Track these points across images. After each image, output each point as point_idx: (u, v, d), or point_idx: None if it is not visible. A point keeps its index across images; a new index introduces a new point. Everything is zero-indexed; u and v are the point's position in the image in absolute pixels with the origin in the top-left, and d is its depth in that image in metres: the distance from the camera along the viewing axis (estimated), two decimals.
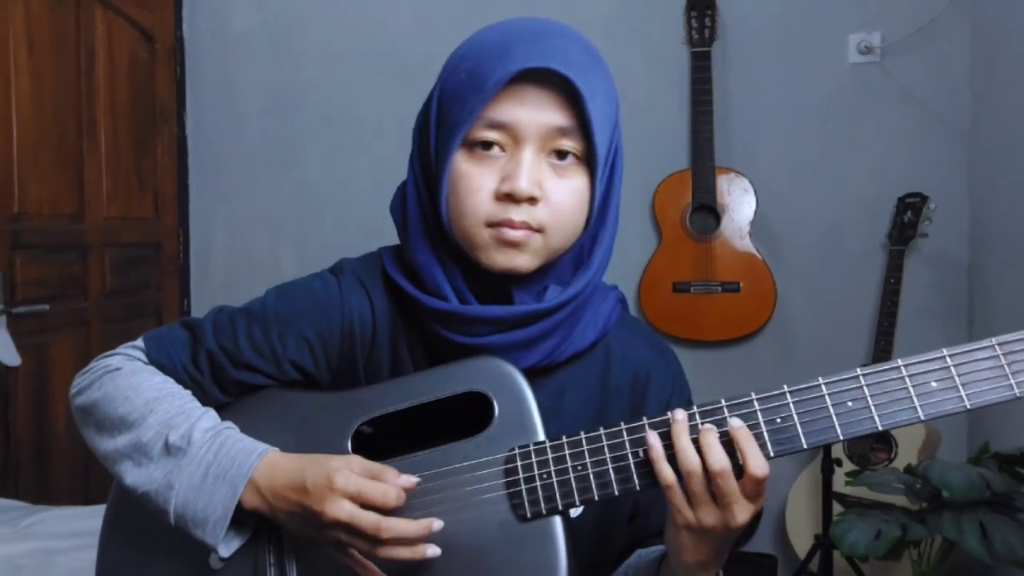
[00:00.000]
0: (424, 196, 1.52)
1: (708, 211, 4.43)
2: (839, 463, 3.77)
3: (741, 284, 4.39)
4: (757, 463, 1.25)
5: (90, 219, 4.65)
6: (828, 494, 3.68)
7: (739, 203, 4.40)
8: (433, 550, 1.34)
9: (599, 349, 1.60)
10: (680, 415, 1.30)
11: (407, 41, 4.95)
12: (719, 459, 1.25)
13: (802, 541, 4.12)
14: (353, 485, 1.33)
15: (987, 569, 3.86)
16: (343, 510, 1.32)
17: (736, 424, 1.27)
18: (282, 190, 5.27)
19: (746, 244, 4.39)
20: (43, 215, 4.35)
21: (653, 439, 1.30)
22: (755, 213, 4.39)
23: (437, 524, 1.35)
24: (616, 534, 1.60)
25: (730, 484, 1.26)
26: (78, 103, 4.58)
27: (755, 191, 4.39)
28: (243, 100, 5.32)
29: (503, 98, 1.39)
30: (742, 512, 1.28)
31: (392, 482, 1.35)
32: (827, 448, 3.67)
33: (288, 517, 1.39)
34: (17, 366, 4.09)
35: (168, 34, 5.25)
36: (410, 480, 1.37)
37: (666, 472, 1.28)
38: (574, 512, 1.45)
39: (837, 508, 3.73)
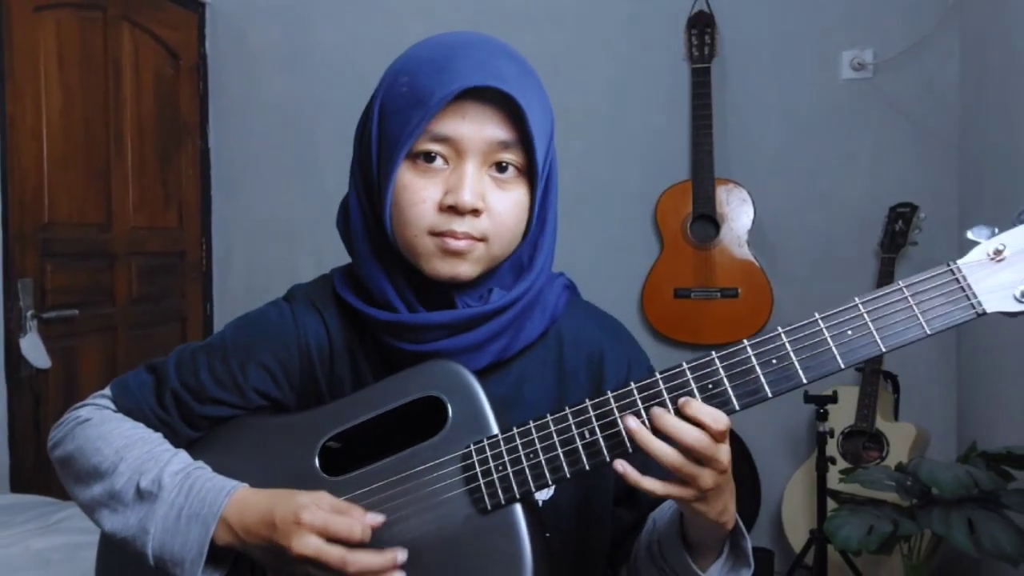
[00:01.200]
0: (367, 208, 1.51)
1: (708, 220, 4.44)
2: (833, 461, 3.77)
3: (739, 290, 4.39)
4: (716, 417, 1.24)
5: (117, 229, 4.68)
6: (822, 491, 3.67)
7: (737, 212, 4.41)
8: None
9: (551, 336, 1.59)
10: (633, 423, 1.27)
11: None
12: (692, 435, 1.23)
13: (797, 536, 4.12)
14: (320, 520, 1.32)
15: (974, 563, 3.86)
16: (309, 545, 1.31)
17: (681, 400, 1.26)
18: (300, 200, 5.29)
19: (744, 252, 4.40)
20: (72, 225, 4.37)
21: (635, 424, 1.27)
22: (753, 222, 4.39)
23: (402, 555, 1.34)
24: (599, 507, 1.59)
25: (710, 448, 1.24)
26: (106, 117, 4.61)
27: (753, 201, 4.40)
28: (263, 114, 5.34)
29: (446, 113, 1.38)
30: (725, 454, 1.26)
31: (358, 519, 1.35)
32: (821, 447, 3.66)
33: (259, 552, 1.39)
34: (47, 368, 4.11)
35: (192, 51, 5.28)
36: (376, 518, 1.36)
37: (666, 451, 1.25)
38: (541, 496, 1.45)
39: (831, 504, 3.72)
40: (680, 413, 1.26)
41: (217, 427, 1.57)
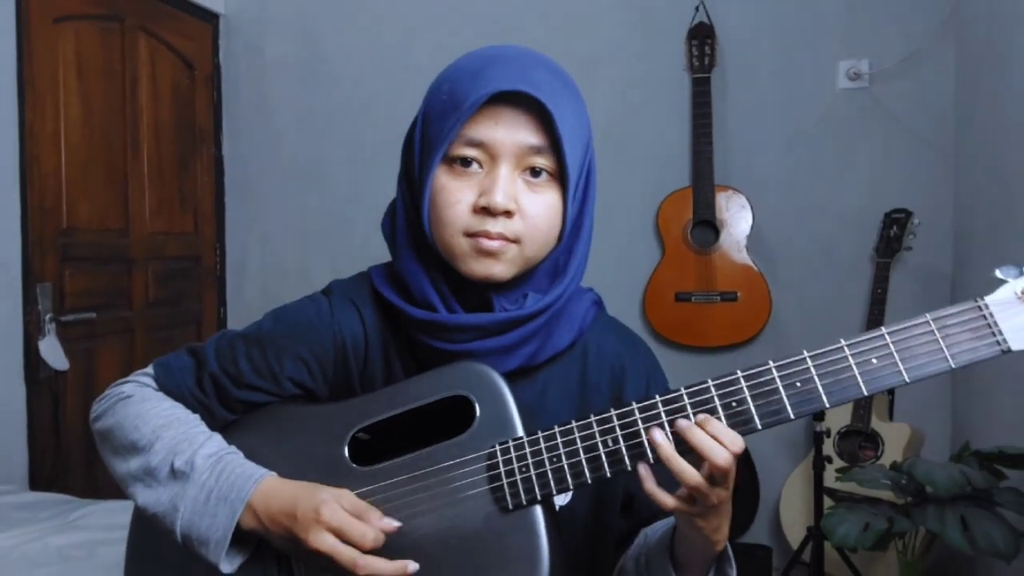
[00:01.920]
0: (411, 211, 1.52)
1: (708, 226, 4.44)
2: (830, 460, 3.77)
3: (739, 294, 4.39)
4: (733, 439, 1.25)
5: (134, 234, 4.69)
6: (820, 489, 3.67)
7: (737, 218, 4.41)
8: None
9: (576, 348, 1.60)
10: (659, 437, 1.28)
11: (430, 67, 4.94)
12: (720, 454, 1.24)
13: (795, 533, 4.12)
14: (336, 520, 1.34)
15: (968, 560, 3.86)
16: (325, 542, 1.33)
17: (700, 418, 1.27)
18: (312, 206, 5.30)
19: (743, 256, 4.40)
20: (91, 230, 4.38)
21: (660, 438, 1.28)
22: (751, 228, 4.40)
23: (412, 567, 1.35)
24: (609, 519, 1.60)
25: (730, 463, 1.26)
26: (124, 126, 4.62)
27: (752, 207, 4.40)
28: (276, 122, 5.35)
29: (480, 118, 1.40)
30: (732, 477, 1.28)
31: (374, 524, 1.36)
32: (818, 446, 3.67)
33: (279, 539, 1.41)
34: (65, 370, 4.12)
35: (207, 61, 5.29)
36: (392, 524, 1.37)
37: (686, 468, 1.26)
38: (559, 501, 1.45)
39: (828, 502, 3.72)
40: (702, 426, 1.27)
41: (252, 412, 1.58)
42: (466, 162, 1.42)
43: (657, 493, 1.29)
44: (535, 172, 1.43)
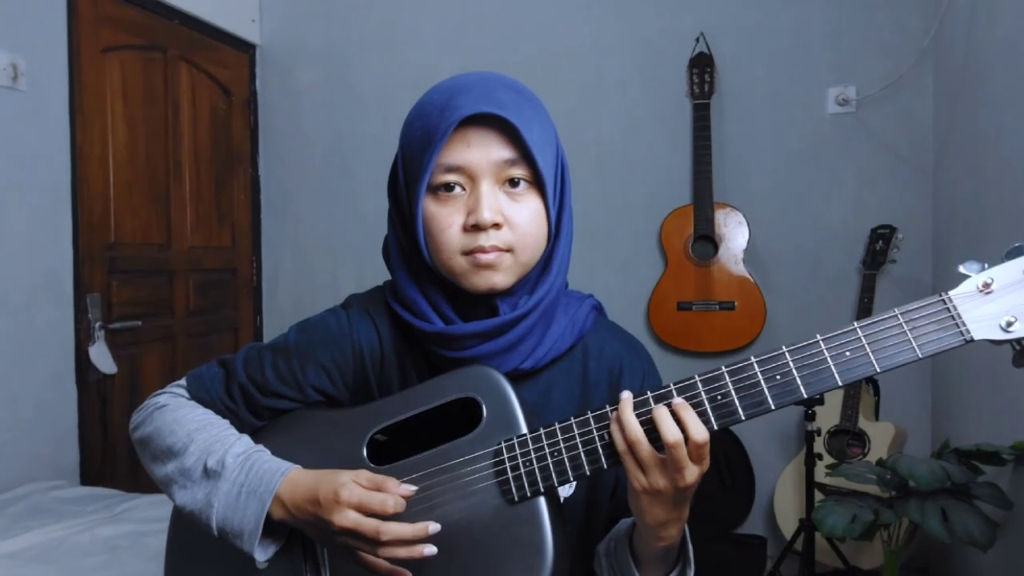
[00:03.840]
0: (404, 242, 1.54)
1: (707, 240, 4.45)
2: (820, 457, 3.77)
3: (736, 303, 4.40)
4: (698, 430, 1.26)
5: (176, 248, 4.71)
6: (810, 484, 3.67)
7: (734, 233, 4.42)
8: (430, 549, 1.36)
9: (577, 350, 1.61)
10: (626, 395, 1.32)
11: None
12: (671, 431, 1.26)
13: (788, 524, 4.12)
14: (356, 496, 1.35)
15: (947, 548, 3.87)
16: (348, 519, 1.34)
17: (677, 400, 1.29)
18: (341, 222, 5.32)
19: (740, 269, 4.41)
20: (136, 244, 4.40)
21: (611, 414, 1.33)
22: (748, 242, 4.40)
23: (433, 527, 1.36)
24: (601, 505, 1.62)
25: (680, 451, 1.26)
26: (166, 148, 4.65)
27: (748, 223, 4.41)
28: (308, 145, 5.38)
29: (453, 144, 1.41)
30: (691, 474, 1.28)
31: (392, 491, 1.37)
32: (810, 444, 3.66)
33: (307, 527, 1.42)
34: (113, 374, 4.14)
35: (243, 88, 5.32)
36: (409, 488, 1.39)
37: (619, 440, 1.30)
38: (563, 492, 1.46)
39: (818, 496, 3.72)
40: (674, 413, 1.28)
41: (278, 417, 1.60)
42: (449, 187, 1.43)
43: (615, 434, 1.32)
44: (514, 183, 1.44)
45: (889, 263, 4.13)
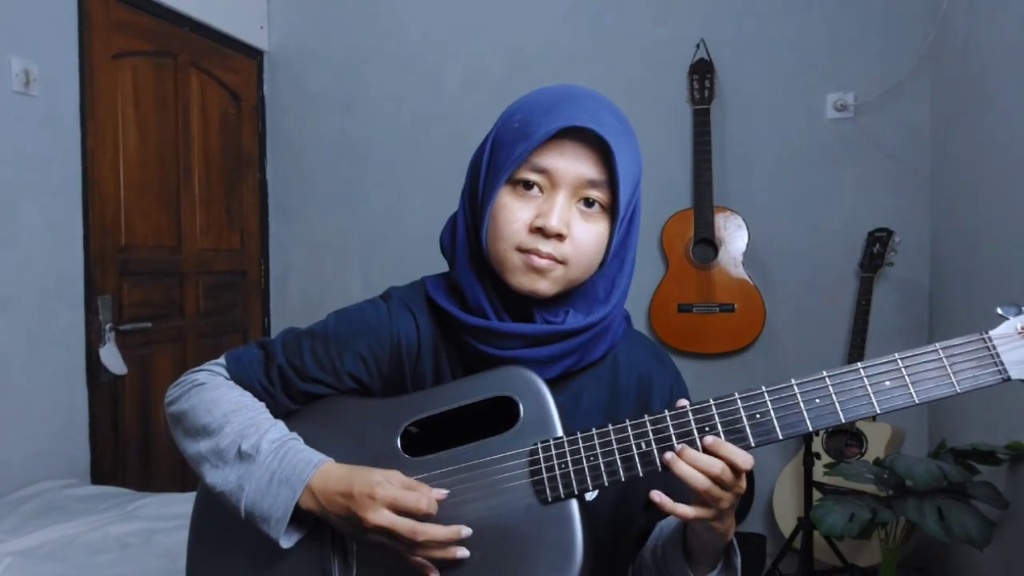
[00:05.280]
0: (470, 224, 1.54)
1: (708, 244, 4.45)
2: (818, 456, 3.76)
3: (736, 305, 4.40)
4: (743, 458, 1.29)
5: (186, 250, 4.71)
6: (809, 483, 3.67)
7: (734, 237, 4.42)
8: (463, 552, 1.37)
9: (609, 358, 1.60)
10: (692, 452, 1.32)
11: (458, 100, 5.01)
12: (744, 459, 1.30)
13: (787, 523, 4.12)
14: (391, 495, 1.35)
15: (944, 547, 3.87)
16: (383, 517, 1.34)
17: (708, 440, 1.30)
18: (349, 226, 5.31)
19: (740, 271, 4.41)
20: (147, 247, 4.40)
21: (669, 456, 1.32)
22: (747, 245, 4.41)
23: (466, 531, 1.37)
24: (632, 517, 1.61)
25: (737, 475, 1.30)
26: (176, 152, 4.64)
27: (747, 227, 4.41)
28: (316, 150, 5.37)
29: (547, 148, 1.41)
30: (743, 483, 1.32)
31: (425, 494, 1.37)
32: (808, 444, 3.66)
33: (337, 519, 1.42)
34: (124, 375, 4.14)
35: (252, 94, 5.31)
36: (441, 492, 1.39)
37: (699, 479, 1.30)
38: (589, 496, 1.44)
39: (817, 495, 3.72)
40: (710, 448, 1.31)
41: (312, 403, 1.60)
42: (528, 185, 1.44)
43: (678, 509, 1.31)
44: (589, 203, 1.44)
45: (887, 266, 4.14)
